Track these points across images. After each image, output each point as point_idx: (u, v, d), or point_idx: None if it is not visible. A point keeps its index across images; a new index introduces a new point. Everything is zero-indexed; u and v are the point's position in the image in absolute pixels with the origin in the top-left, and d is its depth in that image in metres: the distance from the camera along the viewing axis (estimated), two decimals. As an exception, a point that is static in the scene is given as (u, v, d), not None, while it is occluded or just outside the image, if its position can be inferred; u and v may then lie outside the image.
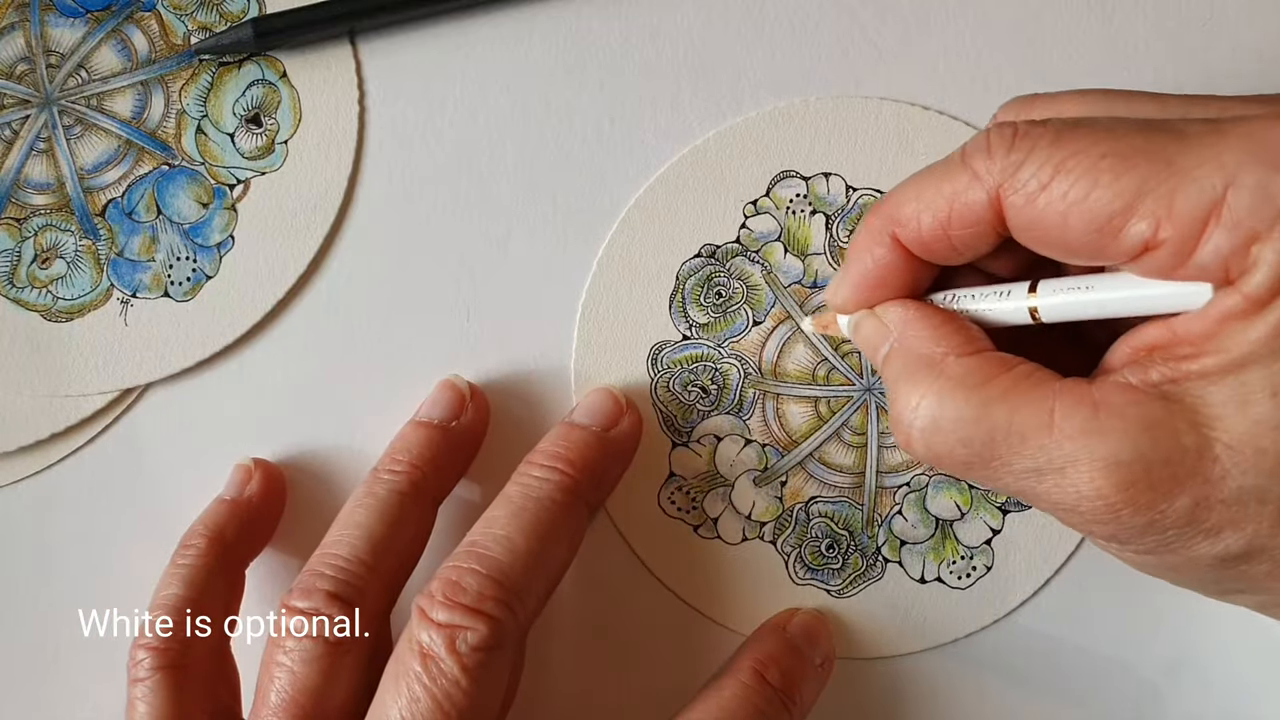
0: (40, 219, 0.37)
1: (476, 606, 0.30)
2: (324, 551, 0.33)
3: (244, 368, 0.37)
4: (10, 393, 0.37)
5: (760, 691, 0.33)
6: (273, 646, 0.31)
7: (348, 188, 0.37)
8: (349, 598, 0.31)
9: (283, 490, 0.37)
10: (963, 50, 0.37)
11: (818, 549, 0.36)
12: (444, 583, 0.30)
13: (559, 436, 0.34)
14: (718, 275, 0.36)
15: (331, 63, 0.37)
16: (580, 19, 0.37)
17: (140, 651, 0.33)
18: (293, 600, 0.31)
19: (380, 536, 0.33)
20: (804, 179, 0.37)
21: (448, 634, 0.30)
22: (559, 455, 0.33)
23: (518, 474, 0.33)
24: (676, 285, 0.36)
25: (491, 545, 0.31)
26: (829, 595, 0.36)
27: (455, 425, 0.35)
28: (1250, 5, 0.37)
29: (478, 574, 0.30)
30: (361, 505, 0.33)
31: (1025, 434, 0.26)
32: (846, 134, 0.37)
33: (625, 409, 0.35)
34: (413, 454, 0.34)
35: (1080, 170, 0.25)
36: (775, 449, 0.36)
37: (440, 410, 0.35)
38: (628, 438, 0.35)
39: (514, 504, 0.32)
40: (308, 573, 0.32)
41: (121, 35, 0.38)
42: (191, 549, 0.34)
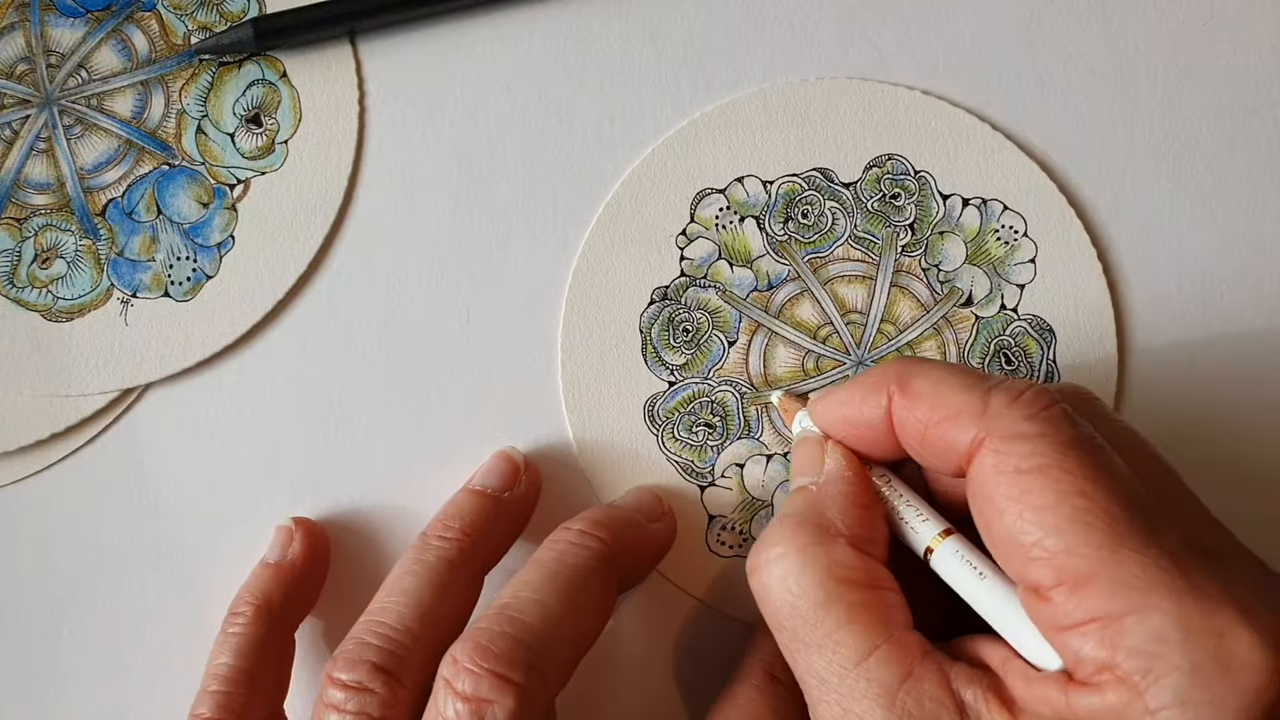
0: (40, 219, 0.37)
1: (505, 674, 0.29)
2: (370, 619, 0.32)
3: (244, 368, 0.37)
4: (10, 393, 0.37)
5: (774, 692, 0.33)
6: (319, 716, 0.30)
7: (348, 188, 0.37)
8: (394, 669, 0.30)
9: (326, 549, 0.36)
10: (963, 50, 0.37)
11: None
12: (472, 646, 0.29)
13: (598, 510, 0.34)
14: (678, 314, 0.36)
15: (331, 63, 0.37)
16: (580, 19, 0.37)
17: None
18: (337, 673, 0.30)
19: (428, 605, 0.32)
20: (720, 191, 0.37)
21: (475, 708, 0.28)
22: (598, 524, 0.33)
23: (552, 539, 0.33)
24: (643, 338, 0.36)
25: (524, 608, 0.30)
26: None
27: (508, 496, 0.35)
28: (1250, 5, 0.37)
29: (508, 637, 0.29)
30: (410, 572, 0.32)
31: (839, 647, 0.27)
32: (742, 134, 0.37)
33: (666, 511, 0.35)
34: (465, 521, 0.33)
35: (1053, 490, 0.25)
36: None
37: (495, 480, 0.35)
38: (664, 534, 0.35)
39: (547, 569, 0.31)
40: (353, 641, 0.31)
41: (121, 35, 0.38)
42: (240, 617, 0.34)
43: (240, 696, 0.33)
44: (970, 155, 0.36)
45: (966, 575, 0.28)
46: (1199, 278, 0.36)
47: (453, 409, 0.37)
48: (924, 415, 0.28)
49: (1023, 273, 0.36)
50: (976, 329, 0.36)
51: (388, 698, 0.30)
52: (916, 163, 0.36)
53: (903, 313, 0.36)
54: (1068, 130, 0.37)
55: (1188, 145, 0.37)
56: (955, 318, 0.36)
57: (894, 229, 0.36)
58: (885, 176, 0.36)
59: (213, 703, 0.32)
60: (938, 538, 0.28)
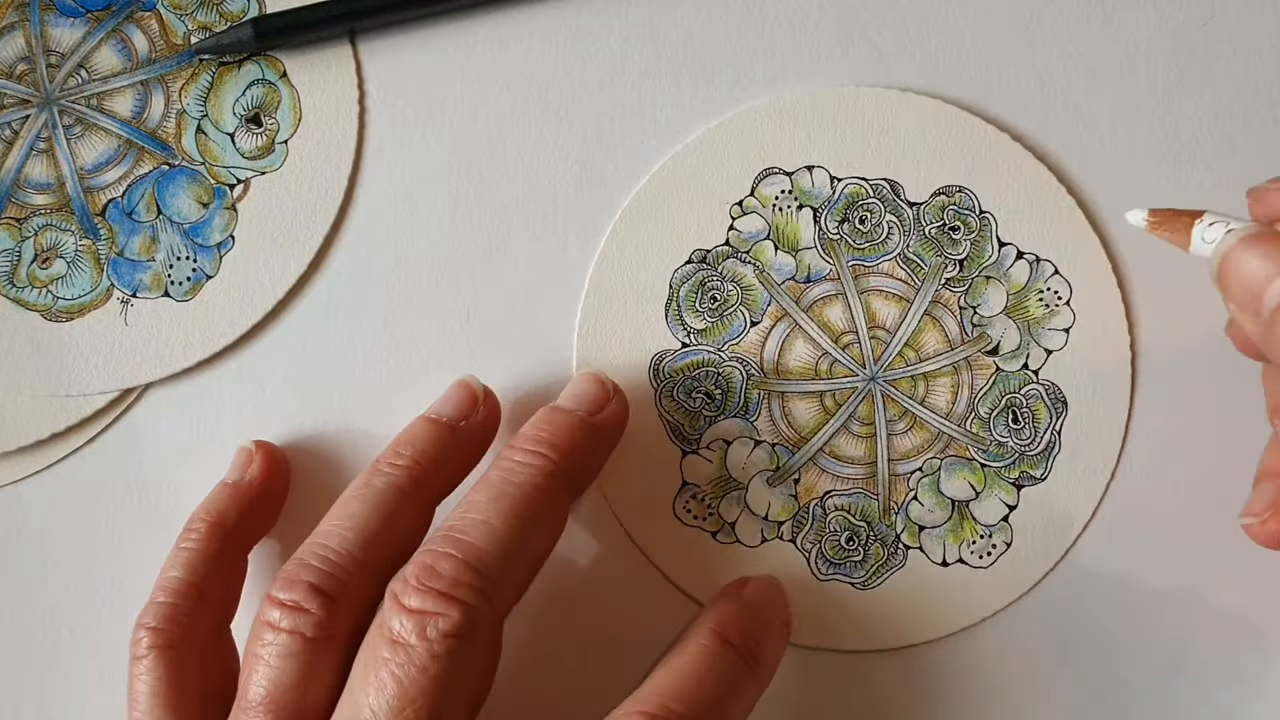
0: (40, 219, 0.37)
1: (450, 592, 0.29)
2: (313, 541, 0.32)
3: (244, 368, 0.37)
4: (10, 393, 0.37)
5: (722, 653, 0.32)
6: (254, 638, 0.31)
7: (348, 188, 0.37)
8: (332, 590, 0.31)
9: (286, 473, 0.37)
10: (963, 50, 0.37)
11: (837, 543, 0.36)
12: (419, 567, 0.30)
13: (543, 421, 0.34)
14: (711, 280, 0.36)
15: (331, 63, 0.37)
16: (580, 19, 0.37)
17: (141, 631, 0.33)
18: (275, 591, 0.31)
19: (373, 530, 0.32)
20: (787, 174, 0.37)
21: (418, 620, 0.29)
22: (542, 440, 0.33)
23: (499, 459, 0.33)
24: (670, 294, 0.36)
25: (469, 530, 0.31)
26: (854, 589, 0.36)
27: (464, 425, 0.34)
28: (1250, 5, 0.37)
29: (453, 559, 0.30)
30: (357, 496, 0.33)
31: None
32: (826, 125, 0.37)
33: (612, 394, 0.35)
34: (416, 449, 0.33)
35: None
36: (785, 447, 0.36)
37: (451, 409, 0.35)
38: (613, 423, 0.35)
39: (494, 489, 0.32)
40: (294, 562, 0.31)
41: (121, 35, 0.38)
42: (194, 533, 0.34)
43: (187, 609, 0.33)
44: (1038, 212, 0.36)
45: None
46: (1202, 278, 0.36)
47: (453, 409, 0.37)
48: None
49: (1054, 339, 0.36)
50: (994, 380, 0.36)
51: (323, 618, 0.30)
52: (984, 202, 0.36)
53: (928, 342, 0.36)
54: (1067, 130, 0.37)
55: (1188, 145, 0.37)
56: (977, 363, 0.36)
57: (944, 259, 0.36)
58: (950, 206, 0.36)
59: (159, 614, 0.33)
60: None
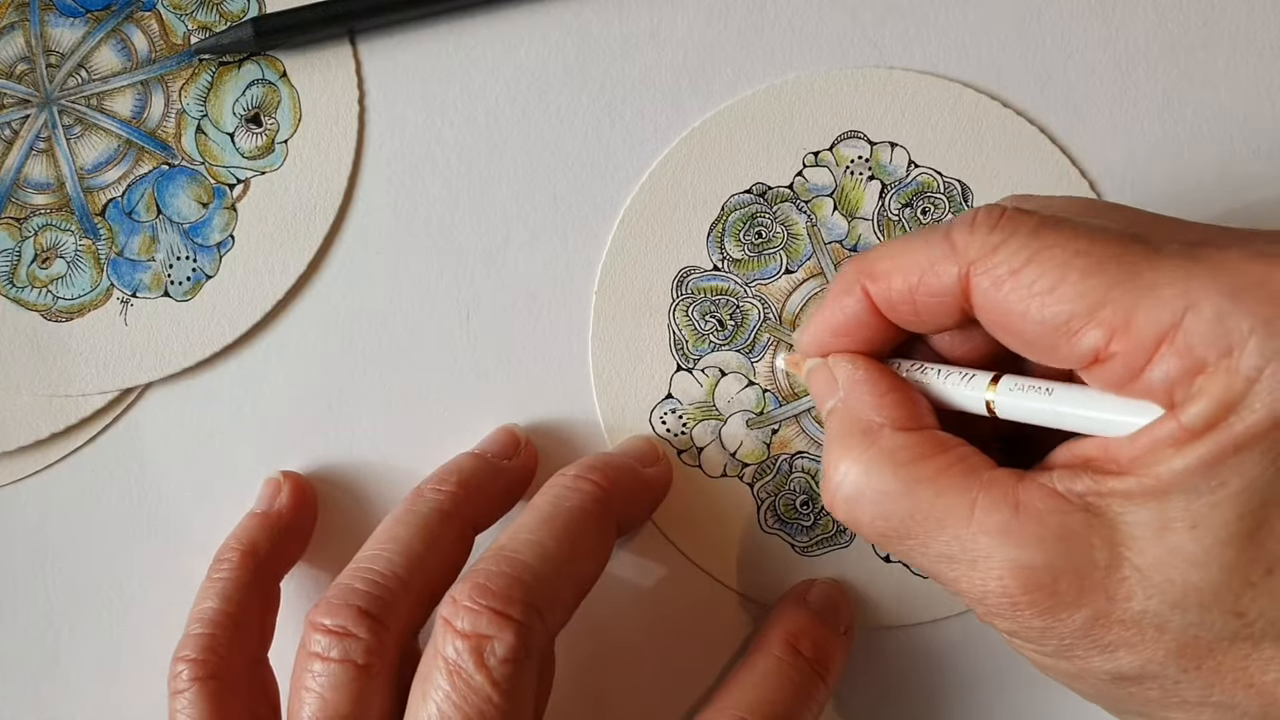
0: (40, 219, 0.37)
1: (504, 610, 0.29)
2: (358, 565, 0.31)
3: (244, 368, 0.37)
4: (10, 393, 0.37)
5: (795, 664, 0.33)
6: (300, 669, 0.30)
7: (348, 188, 0.37)
8: (380, 614, 0.30)
9: (313, 502, 0.36)
10: (963, 50, 0.37)
11: (792, 503, 0.36)
12: (470, 585, 0.29)
13: (593, 457, 0.34)
14: (762, 215, 0.36)
15: (331, 63, 0.37)
16: (580, 19, 0.37)
17: (180, 664, 0.32)
18: (320, 617, 0.30)
19: (418, 553, 0.31)
20: (870, 143, 0.37)
21: (474, 644, 0.28)
22: (594, 468, 0.33)
23: (548, 485, 0.33)
24: (720, 215, 0.36)
25: (521, 548, 0.30)
26: (792, 550, 0.36)
27: (506, 464, 0.35)
28: (1250, 5, 0.37)
29: (505, 575, 0.29)
30: (401, 521, 0.32)
31: (944, 521, 0.26)
32: (921, 110, 0.37)
33: (661, 456, 0.36)
34: (460, 477, 0.34)
35: (1051, 265, 0.25)
36: (775, 397, 0.36)
37: (495, 448, 0.35)
38: (660, 480, 0.35)
39: (543, 511, 0.32)
40: (339, 587, 0.31)
41: (121, 35, 0.37)
42: (226, 563, 0.34)
43: (225, 640, 0.33)
44: None
45: (1037, 403, 0.27)
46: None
47: (452, 409, 0.37)
48: (902, 285, 0.28)
49: None
50: None
51: (373, 644, 0.30)
52: None
53: None
54: (1068, 130, 0.37)
55: (1187, 145, 0.37)
56: None
57: None
58: None
59: (197, 645, 0.32)
60: (990, 385, 0.28)
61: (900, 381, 0.29)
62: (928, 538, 0.26)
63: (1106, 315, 0.24)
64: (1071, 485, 0.25)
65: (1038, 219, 0.26)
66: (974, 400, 0.28)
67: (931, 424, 0.28)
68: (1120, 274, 0.24)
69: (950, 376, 0.29)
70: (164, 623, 0.37)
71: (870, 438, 0.28)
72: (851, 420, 0.28)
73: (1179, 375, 0.24)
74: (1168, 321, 0.24)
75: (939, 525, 0.26)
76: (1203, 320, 0.23)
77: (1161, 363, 0.24)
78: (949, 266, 0.27)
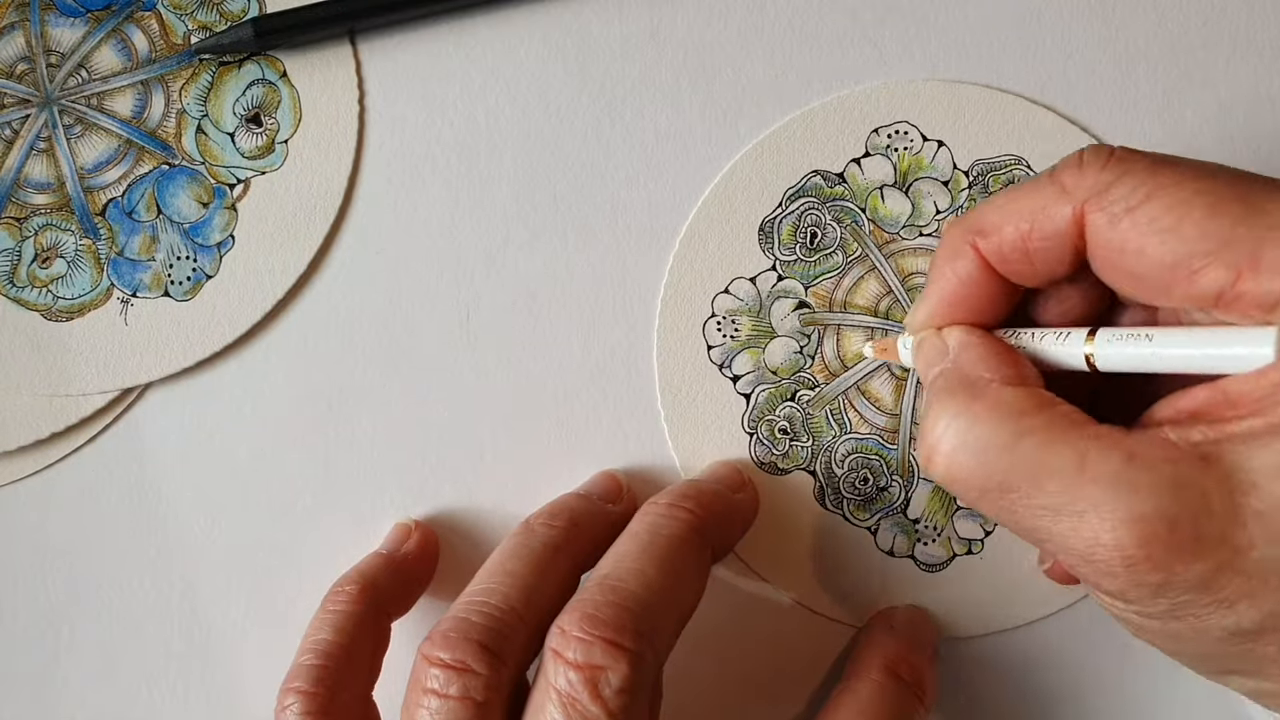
0: (40, 218, 0.37)
1: (616, 639, 0.28)
2: (471, 598, 0.31)
3: (244, 368, 0.37)
4: (10, 393, 0.37)
5: (896, 689, 0.33)
6: (414, 703, 0.29)
7: (348, 188, 0.37)
8: (497, 649, 0.29)
9: (436, 553, 0.36)
10: (963, 50, 0.37)
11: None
12: (579, 615, 0.29)
13: (683, 485, 0.34)
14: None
15: (331, 63, 0.37)
16: (580, 19, 0.37)
17: (290, 696, 0.31)
18: (437, 651, 0.29)
19: (533, 586, 0.31)
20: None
21: (588, 676, 0.28)
22: (687, 496, 0.33)
23: (642, 513, 0.33)
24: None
25: (625, 577, 0.30)
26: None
27: (610, 509, 0.35)
28: (1250, 5, 0.37)
29: (614, 605, 0.29)
30: (515, 555, 0.32)
31: (1053, 471, 0.25)
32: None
33: (747, 482, 0.36)
34: (571, 514, 0.34)
35: (1172, 201, 0.24)
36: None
37: (600, 490, 0.36)
38: (748, 505, 0.35)
39: (641, 539, 0.31)
40: (454, 620, 0.30)
41: (122, 35, 0.38)
42: (343, 595, 0.33)
43: (335, 672, 0.32)
44: None
45: (1137, 348, 0.26)
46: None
47: (452, 409, 0.37)
48: (1014, 233, 0.27)
49: None
50: None
51: (491, 679, 0.29)
52: None
53: None
54: (1067, 130, 0.37)
55: (1187, 145, 0.37)
56: None
57: None
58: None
59: (309, 676, 0.32)
60: (1087, 339, 0.27)
61: (1007, 345, 0.29)
62: (1033, 489, 0.25)
63: (1232, 253, 0.24)
64: (1185, 435, 0.24)
65: (1150, 157, 0.25)
66: (1073, 356, 0.28)
67: (1038, 383, 0.27)
68: (1243, 212, 0.24)
69: (1047, 337, 0.28)
70: (164, 622, 0.37)
71: (976, 392, 0.27)
72: (958, 378, 0.28)
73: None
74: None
75: (1048, 475, 0.25)
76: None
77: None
78: (1061, 207, 0.26)
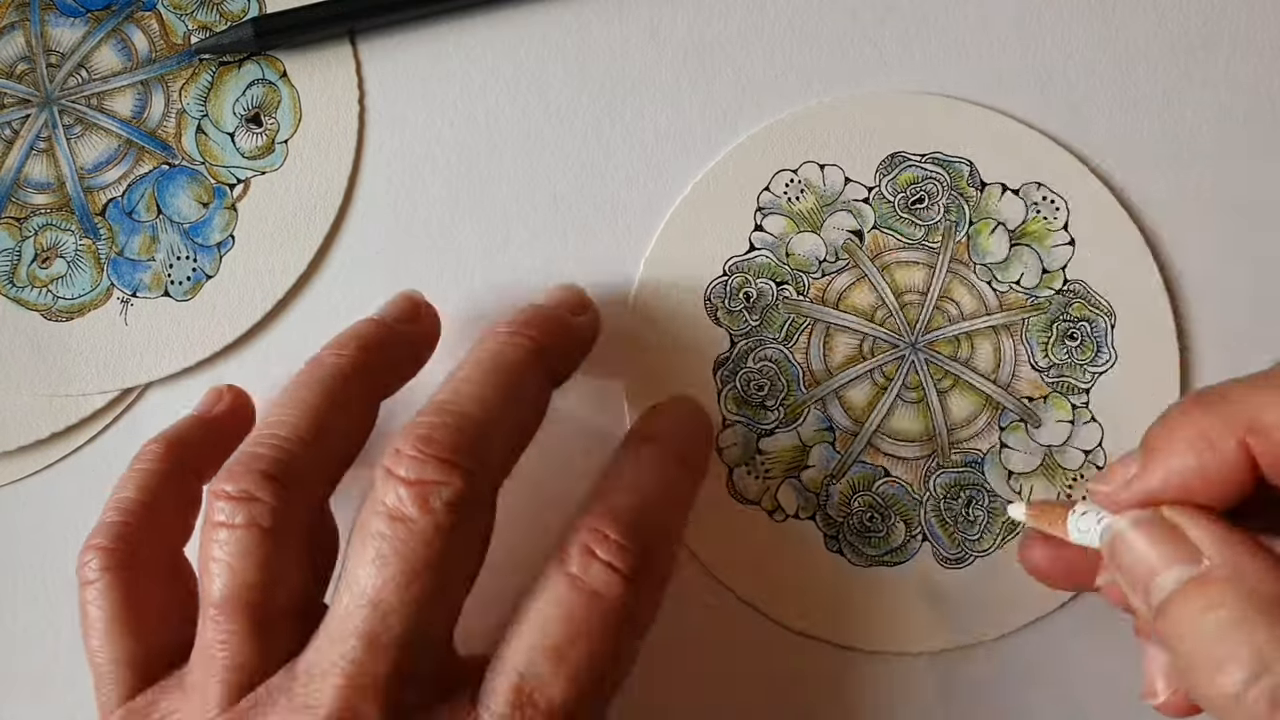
0: (40, 218, 0.37)
1: (450, 458, 0.27)
2: (259, 431, 0.30)
3: (244, 368, 0.37)
4: (10, 393, 0.37)
5: (661, 454, 0.32)
6: (206, 539, 0.28)
7: (348, 188, 0.37)
8: (284, 477, 0.28)
9: (251, 415, 0.35)
10: (963, 51, 0.37)
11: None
12: (413, 437, 0.28)
13: (522, 311, 0.33)
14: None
15: (331, 63, 0.37)
16: (580, 19, 0.37)
17: (90, 553, 0.31)
18: (222, 484, 0.28)
19: (324, 413, 0.30)
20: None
21: (418, 491, 0.27)
22: (529, 323, 0.32)
23: (482, 340, 0.32)
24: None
25: (460, 400, 0.29)
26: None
27: (407, 329, 0.34)
28: (1250, 5, 0.37)
29: (448, 427, 0.28)
30: (303, 385, 0.31)
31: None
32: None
33: (588, 304, 0.35)
34: (361, 341, 0.32)
35: None
36: None
37: (394, 312, 0.34)
38: (590, 327, 0.35)
39: (481, 365, 0.30)
40: (241, 453, 0.29)
41: (122, 35, 0.38)
42: (148, 454, 0.33)
43: (136, 529, 0.31)
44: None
45: None
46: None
47: (453, 409, 0.37)
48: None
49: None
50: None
51: (278, 507, 0.28)
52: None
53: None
54: (1068, 130, 0.37)
55: (1187, 145, 0.37)
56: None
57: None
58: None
59: (109, 533, 0.31)
60: None
61: (1259, 541, 0.23)
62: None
63: None
64: None
65: None
66: None
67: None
68: None
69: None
70: (164, 622, 0.37)
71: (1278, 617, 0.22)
72: (1249, 594, 0.22)
73: None
74: None
75: None
76: None
77: None
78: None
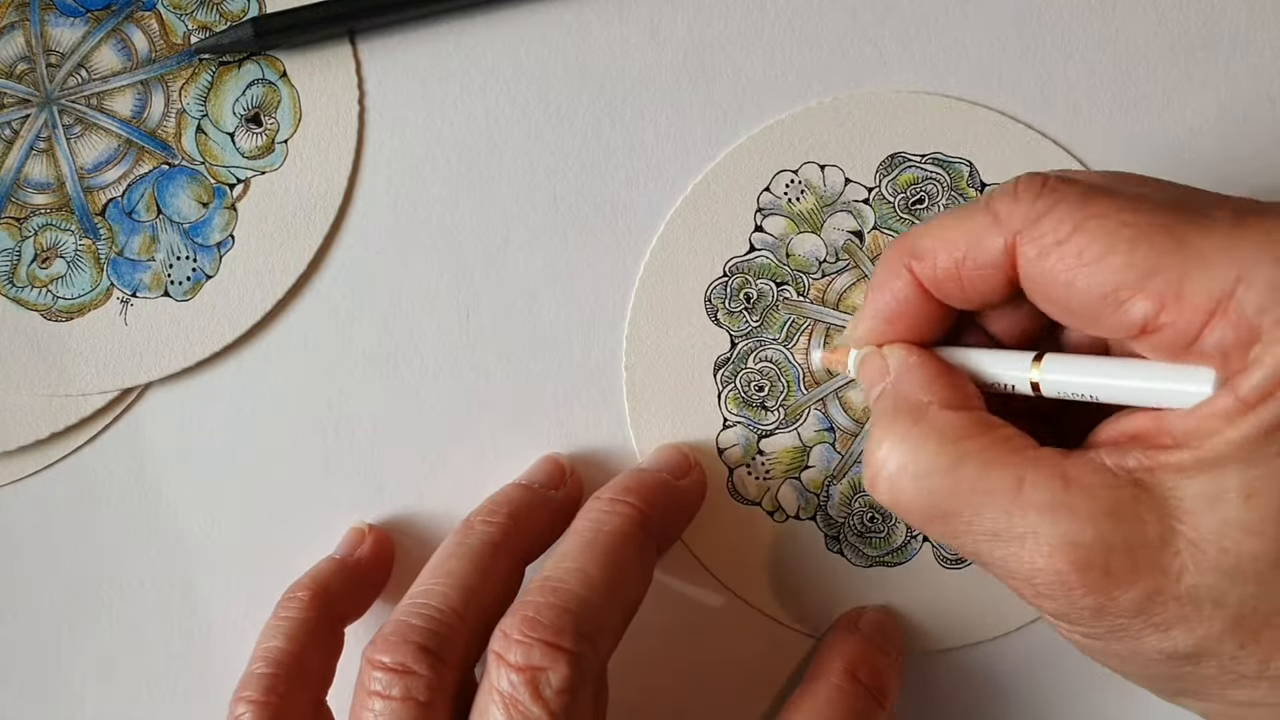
0: (40, 218, 0.37)
1: (555, 641, 0.28)
2: (413, 601, 0.31)
3: (244, 368, 0.37)
4: (10, 393, 0.37)
5: (854, 692, 0.33)
6: (360, 705, 0.30)
7: (348, 188, 0.37)
8: (439, 650, 0.30)
9: (391, 556, 0.36)
10: (963, 51, 0.37)
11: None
12: (519, 618, 0.29)
13: (627, 477, 0.34)
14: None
15: (331, 63, 0.37)
16: (580, 19, 0.37)
17: (241, 705, 0.31)
18: (379, 654, 0.29)
19: (473, 586, 0.31)
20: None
21: (529, 677, 0.28)
22: (629, 490, 0.33)
23: (585, 509, 0.33)
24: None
25: (566, 578, 0.30)
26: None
27: (553, 495, 0.35)
28: (1250, 5, 0.37)
29: (554, 607, 0.29)
30: (453, 555, 0.32)
31: (991, 496, 0.25)
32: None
33: (693, 465, 0.35)
34: (511, 507, 0.33)
35: (1099, 233, 0.25)
36: None
37: (542, 477, 0.35)
38: (694, 491, 0.35)
39: (584, 537, 0.31)
40: (396, 623, 0.30)
41: (121, 35, 0.37)
42: (295, 601, 0.33)
43: (286, 680, 0.32)
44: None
45: (1082, 373, 0.27)
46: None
47: (452, 409, 0.37)
48: (947, 260, 0.28)
49: None
50: None
51: (433, 680, 0.29)
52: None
53: None
54: (1068, 130, 0.37)
55: (1187, 145, 0.37)
56: None
57: None
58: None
59: (260, 685, 0.32)
60: (1033, 364, 0.28)
61: (948, 366, 0.29)
62: (973, 515, 0.26)
63: (1156, 285, 0.24)
64: (1121, 460, 0.25)
65: (1082, 187, 0.26)
66: (1019, 380, 0.28)
67: (978, 406, 0.28)
68: (1169, 243, 0.24)
69: (993, 358, 0.29)
70: (164, 622, 0.37)
71: (917, 415, 0.27)
72: (899, 400, 0.28)
73: (1233, 345, 0.23)
74: (1219, 291, 0.23)
75: (986, 500, 0.26)
76: (1256, 289, 0.23)
77: (1215, 332, 0.23)
78: (994, 238, 0.26)
